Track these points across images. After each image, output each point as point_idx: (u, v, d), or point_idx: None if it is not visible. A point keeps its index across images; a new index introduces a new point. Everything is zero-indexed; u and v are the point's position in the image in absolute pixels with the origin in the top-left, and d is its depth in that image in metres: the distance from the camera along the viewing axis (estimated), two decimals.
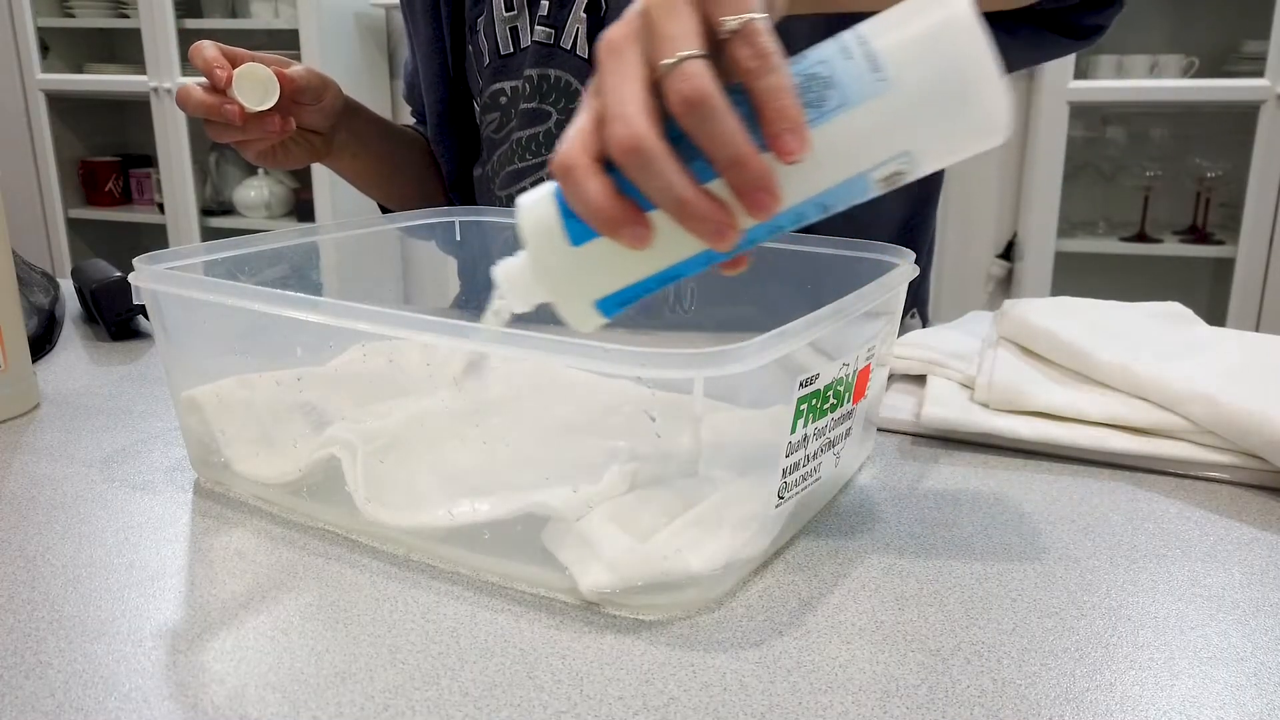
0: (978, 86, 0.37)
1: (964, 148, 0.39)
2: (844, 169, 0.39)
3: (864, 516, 0.54)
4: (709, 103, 0.37)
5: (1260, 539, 0.52)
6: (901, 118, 0.38)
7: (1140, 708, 0.38)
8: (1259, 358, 0.67)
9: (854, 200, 0.40)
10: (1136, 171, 2.45)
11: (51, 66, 3.07)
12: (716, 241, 0.38)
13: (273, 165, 0.88)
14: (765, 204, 0.38)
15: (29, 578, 0.47)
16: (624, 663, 0.41)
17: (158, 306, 0.56)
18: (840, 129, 0.38)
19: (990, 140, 0.39)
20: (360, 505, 0.50)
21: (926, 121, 0.38)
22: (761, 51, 0.37)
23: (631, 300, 0.42)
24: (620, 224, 0.38)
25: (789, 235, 0.66)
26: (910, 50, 0.37)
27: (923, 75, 0.37)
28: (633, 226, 0.38)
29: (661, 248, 0.39)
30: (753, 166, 0.37)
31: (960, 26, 0.37)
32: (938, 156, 0.39)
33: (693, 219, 0.38)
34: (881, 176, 0.39)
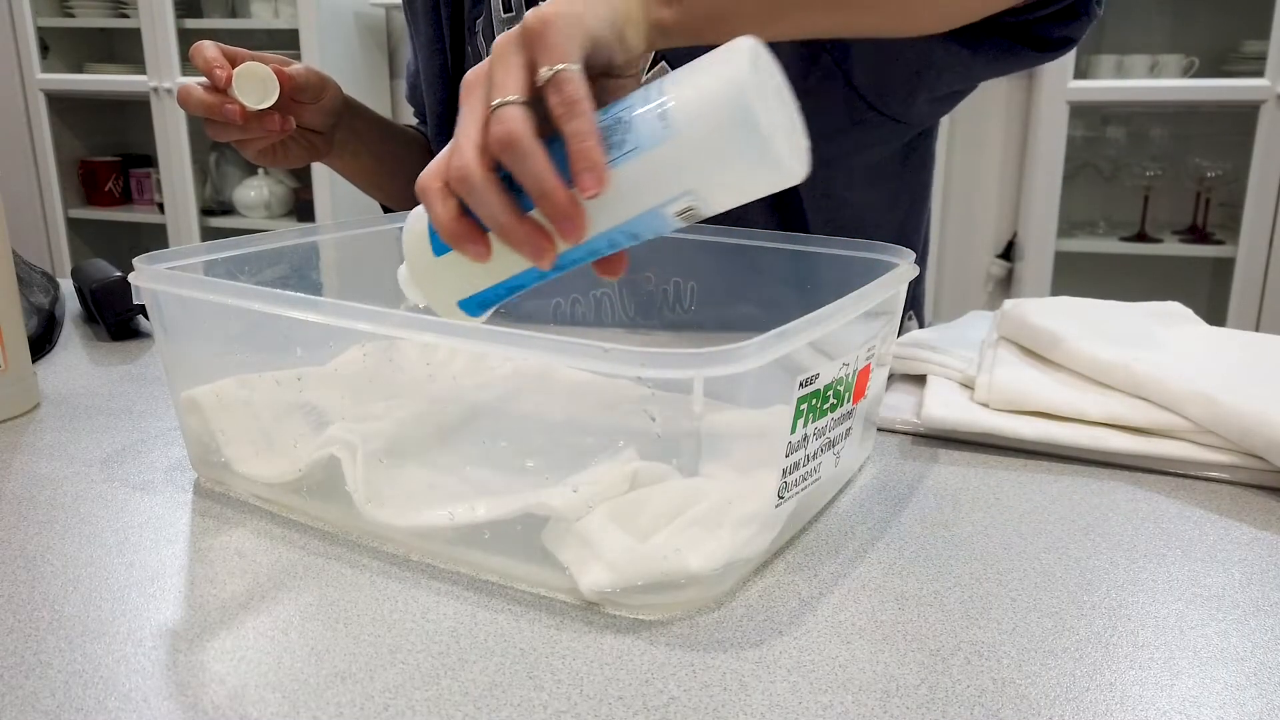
0: (752, 136, 0.41)
1: (752, 187, 0.44)
2: (639, 204, 0.44)
3: (864, 516, 0.54)
4: (519, 144, 0.43)
5: (1260, 539, 0.52)
6: (683, 163, 0.43)
7: (1140, 708, 0.38)
8: (1259, 358, 0.67)
9: (660, 231, 0.45)
10: (1136, 171, 2.46)
11: (51, 66, 3.07)
12: (536, 260, 0.45)
13: (272, 164, 0.88)
14: (571, 232, 0.44)
15: (29, 578, 0.47)
16: (624, 663, 0.41)
17: (158, 306, 0.56)
18: (634, 169, 0.43)
19: (778, 180, 0.43)
20: (360, 505, 0.50)
21: (706, 166, 0.43)
22: (567, 99, 0.43)
23: (490, 303, 0.49)
24: (462, 240, 0.46)
25: (789, 235, 0.66)
26: (692, 104, 0.42)
27: (700, 126, 0.42)
28: (473, 244, 0.45)
29: (501, 261, 0.46)
30: (557, 199, 0.43)
31: (737, 83, 0.41)
32: (726, 195, 0.44)
33: (513, 241, 0.45)
34: (675, 211, 0.44)
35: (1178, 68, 2.32)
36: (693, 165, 0.43)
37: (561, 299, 0.88)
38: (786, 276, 0.66)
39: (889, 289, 0.53)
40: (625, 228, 0.45)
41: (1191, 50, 2.34)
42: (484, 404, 0.55)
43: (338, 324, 0.47)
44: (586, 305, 0.87)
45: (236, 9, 3.01)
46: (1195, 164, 2.40)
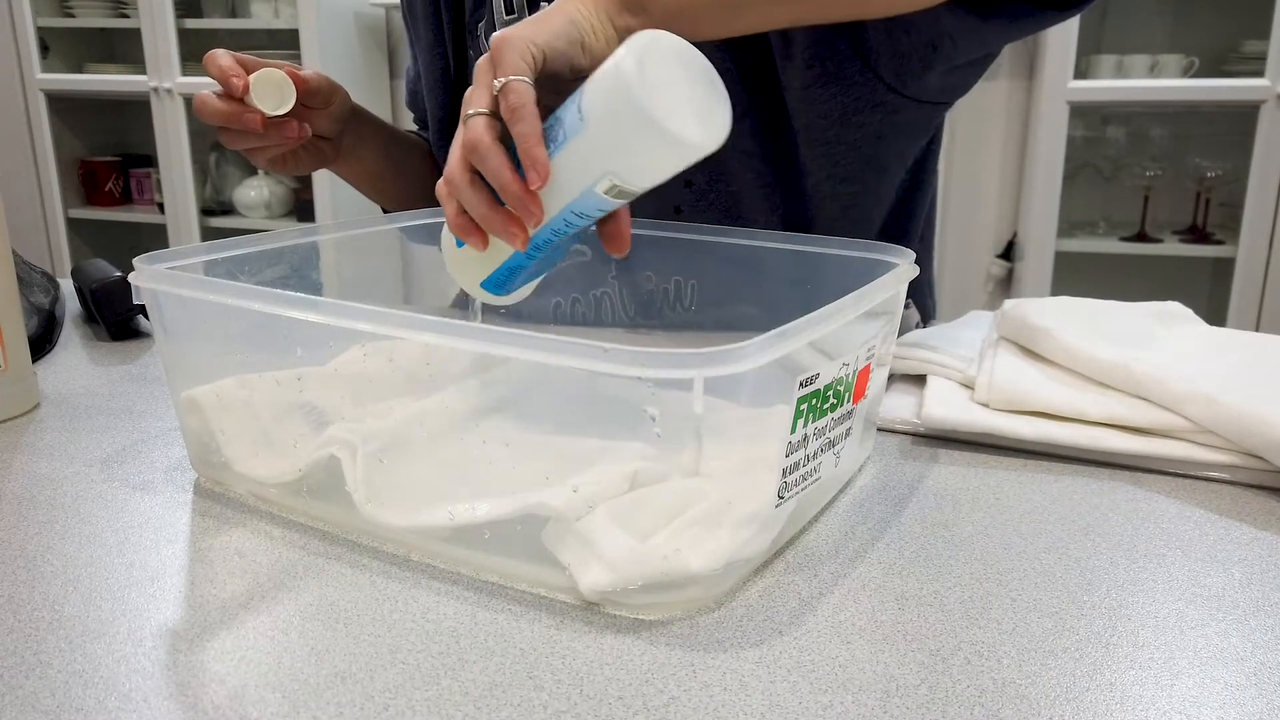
0: (639, 119, 0.47)
1: (663, 162, 0.50)
2: (574, 187, 0.51)
3: (864, 516, 0.54)
4: (478, 148, 0.52)
5: (1260, 539, 0.52)
6: (595, 149, 0.50)
7: (1140, 708, 0.38)
8: (1259, 358, 0.67)
9: (602, 208, 0.53)
10: (1136, 171, 2.46)
11: (51, 66, 3.07)
12: (511, 241, 0.53)
13: (282, 171, 0.88)
14: (529, 216, 0.52)
15: (29, 578, 0.47)
16: (624, 663, 0.41)
17: (158, 306, 0.56)
18: (566, 159, 0.50)
19: (684, 153, 0.49)
20: (360, 505, 0.50)
21: (613, 150, 0.49)
22: (511, 105, 0.51)
23: (503, 282, 0.60)
24: (464, 233, 0.55)
25: (789, 235, 0.66)
26: (593, 96, 0.49)
27: (601, 116, 0.49)
28: (470, 235, 0.55)
29: (497, 247, 0.55)
30: (512, 191, 0.51)
31: (620, 75, 0.47)
32: (644, 172, 0.50)
33: (490, 228, 0.54)
34: (603, 190, 0.51)
35: (1178, 68, 2.32)
36: (602, 150, 0.50)
37: (561, 299, 0.88)
38: (786, 276, 0.66)
39: (889, 289, 0.53)
40: (572, 208, 0.52)
41: (1191, 50, 2.34)
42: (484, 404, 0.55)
43: (338, 324, 0.47)
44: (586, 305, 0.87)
45: (236, 9, 3.01)
46: (1195, 164, 2.40)
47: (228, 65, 0.76)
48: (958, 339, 0.74)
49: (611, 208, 0.53)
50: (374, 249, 0.75)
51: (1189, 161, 2.42)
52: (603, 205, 0.52)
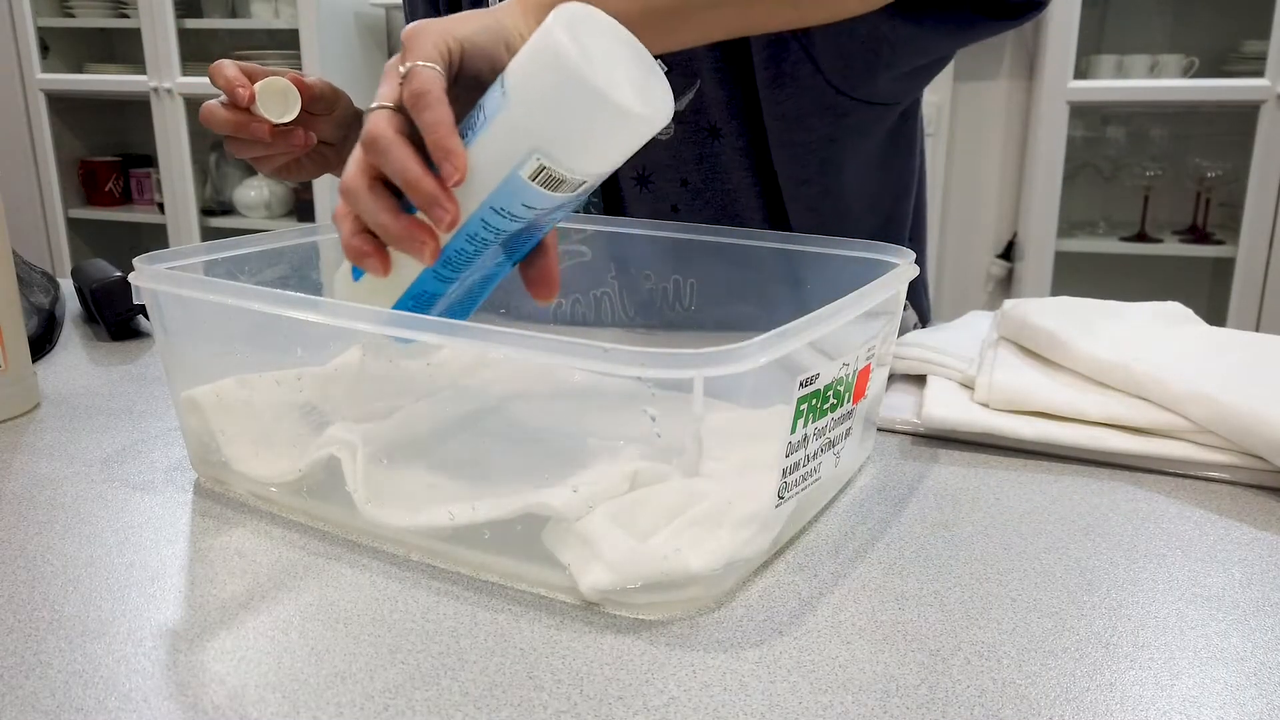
0: (576, 76, 0.43)
1: (601, 136, 0.45)
2: (495, 175, 0.45)
3: (864, 516, 0.54)
4: (378, 142, 0.46)
5: (1260, 539, 0.52)
6: (520, 124, 0.45)
7: (1140, 708, 0.38)
8: (1259, 358, 0.67)
9: (530, 202, 0.46)
10: (1136, 171, 2.46)
11: (51, 66, 3.07)
12: (419, 254, 0.46)
13: (287, 179, 0.88)
14: (442, 216, 0.45)
15: (29, 578, 0.47)
16: (624, 663, 0.41)
17: (158, 306, 0.56)
18: (484, 143, 0.45)
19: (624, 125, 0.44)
20: (360, 505, 0.50)
21: (541, 122, 0.44)
22: (414, 90, 0.45)
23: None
24: (360, 255, 0.48)
25: (789, 235, 0.66)
26: (519, 68, 0.45)
27: (526, 86, 0.44)
28: (371, 256, 0.48)
29: (400, 271, 0.49)
30: (422, 187, 0.45)
31: (549, 39, 0.43)
32: (576, 148, 0.45)
33: (393, 238, 0.47)
34: (529, 174, 0.45)
35: (1178, 68, 2.32)
36: (527, 125, 0.44)
37: (562, 299, 0.88)
38: (786, 276, 0.66)
39: (889, 289, 0.53)
40: (493, 203, 0.46)
41: (1191, 50, 2.34)
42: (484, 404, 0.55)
43: (338, 324, 0.47)
44: (586, 305, 0.87)
45: (236, 9, 3.01)
46: (1195, 164, 2.40)
47: (233, 76, 0.76)
48: (958, 339, 0.73)
49: (541, 202, 0.46)
50: None
51: (1189, 161, 2.42)
52: (528, 199, 0.46)
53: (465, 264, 0.49)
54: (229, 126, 0.77)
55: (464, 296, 0.52)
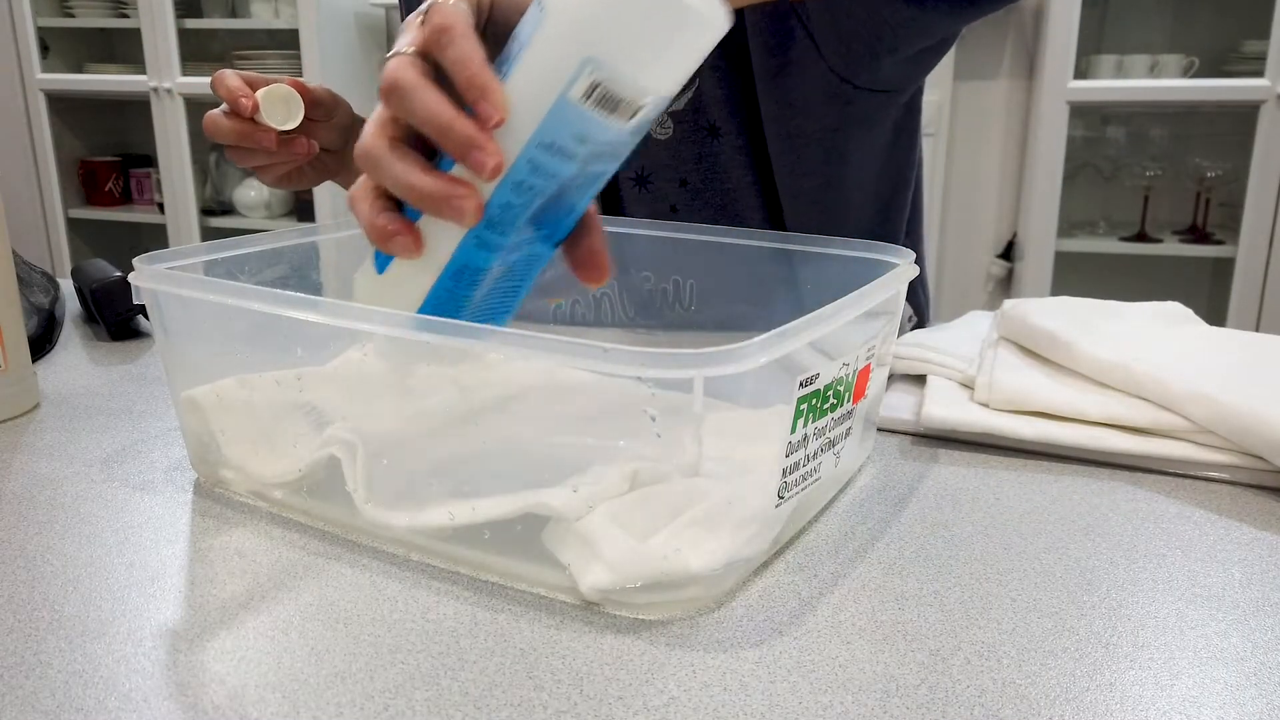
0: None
1: (661, 40, 0.39)
2: (540, 103, 0.39)
3: (864, 516, 0.54)
4: (400, 85, 0.39)
5: (1260, 539, 0.52)
6: (566, 34, 0.38)
7: (1140, 708, 0.38)
8: (1259, 358, 0.67)
9: (581, 130, 0.40)
10: (1136, 171, 2.46)
11: (51, 66, 3.07)
12: (459, 213, 0.40)
13: (288, 187, 0.88)
14: (484, 160, 0.39)
15: (29, 578, 0.47)
16: (624, 663, 0.41)
17: (158, 306, 0.56)
18: (524, 71, 0.39)
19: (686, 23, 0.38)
20: (360, 505, 0.50)
21: (591, 26, 0.38)
22: (437, 25, 0.40)
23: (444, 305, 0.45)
24: (388, 236, 0.42)
25: (790, 236, 0.66)
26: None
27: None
28: (401, 235, 0.42)
29: (435, 246, 0.42)
30: (458, 129, 0.38)
31: None
32: (634, 56, 0.39)
33: (427, 200, 0.40)
34: (581, 94, 0.39)
35: (1178, 68, 2.32)
36: (576, 31, 0.39)
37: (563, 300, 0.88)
38: (786, 276, 0.66)
39: (889, 289, 0.53)
40: (541, 138, 0.40)
41: (1191, 50, 2.34)
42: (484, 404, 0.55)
43: (338, 324, 0.47)
44: (586, 305, 0.87)
45: (236, 9, 3.01)
46: (1195, 164, 2.40)
47: (235, 86, 0.76)
48: (958, 339, 0.74)
49: (594, 136, 0.40)
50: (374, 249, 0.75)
51: (1189, 161, 2.42)
52: (581, 128, 0.40)
53: (511, 224, 0.42)
54: (234, 136, 0.77)
55: (506, 286, 0.45)
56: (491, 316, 0.46)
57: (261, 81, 0.78)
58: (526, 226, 0.43)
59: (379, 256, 0.45)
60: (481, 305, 0.45)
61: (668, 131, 0.86)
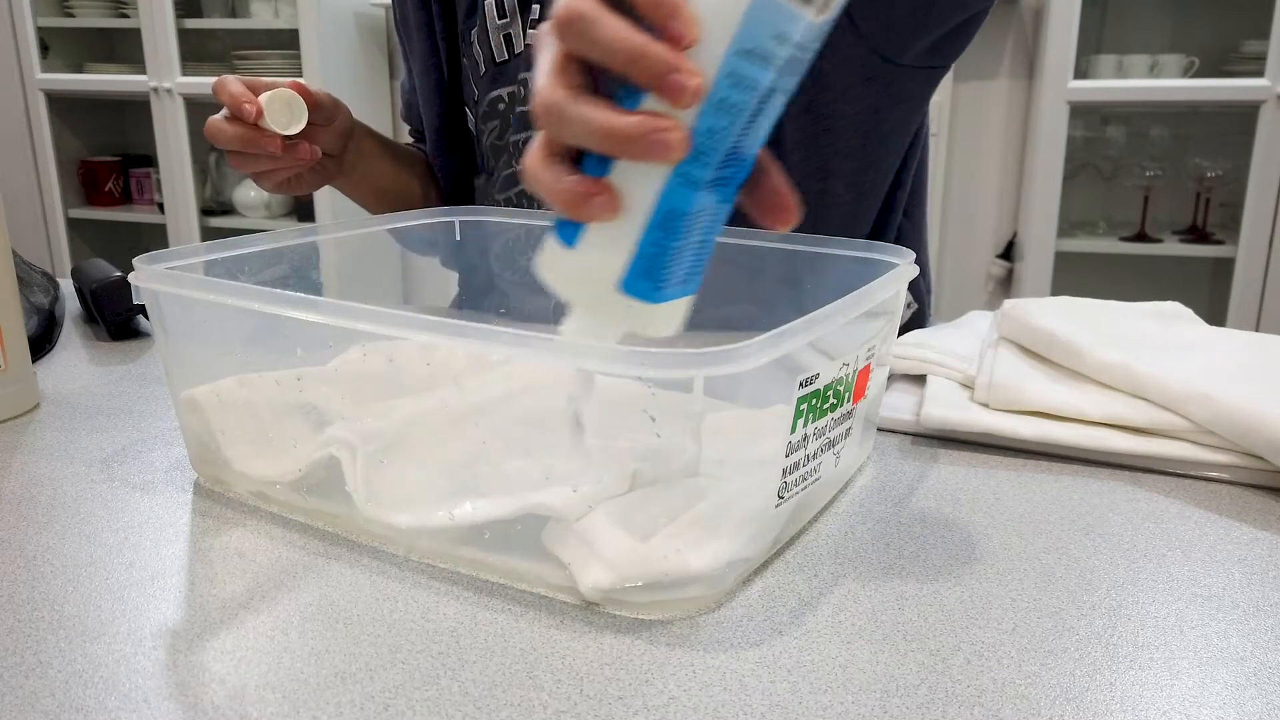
0: None
1: None
2: (733, 9, 0.35)
3: (864, 516, 0.54)
4: (580, 16, 0.36)
5: (1260, 539, 0.52)
6: None
7: (1140, 708, 0.38)
8: (1259, 357, 0.67)
9: (780, 27, 0.36)
10: (1136, 171, 2.46)
11: (51, 66, 3.07)
12: (667, 150, 0.36)
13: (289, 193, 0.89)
14: (683, 84, 0.35)
15: (29, 578, 0.47)
16: (624, 663, 0.41)
17: (158, 306, 0.56)
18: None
19: None
20: (360, 505, 0.50)
21: None
22: None
23: (654, 266, 0.40)
24: (586, 197, 0.38)
25: (789, 235, 0.66)
26: None
27: None
28: (598, 195, 0.38)
29: (634, 198, 0.38)
30: (652, 54, 0.35)
31: None
32: None
33: (628, 141, 0.36)
34: None
35: (1178, 68, 2.32)
36: None
37: None
38: (786, 276, 0.66)
39: (889, 289, 0.53)
40: (740, 45, 0.36)
41: (1191, 50, 2.34)
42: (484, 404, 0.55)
43: (338, 324, 0.47)
44: None
45: (236, 9, 3.01)
46: (1195, 164, 2.40)
47: (238, 92, 0.76)
48: (958, 339, 0.74)
49: (794, 33, 0.36)
50: (374, 249, 0.75)
51: (1189, 161, 2.42)
52: (780, 25, 0.36)
53: (715, 152, 0.38)
54: (237, 141, 0.77)
55: (698, 241, 0.41)
56: (689, 279, 0.42)
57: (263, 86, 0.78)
58: (725, 156, 0.39)
59: (563, 230, 0.40)
60: (683, 260, 0.40)
61: None
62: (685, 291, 0.42)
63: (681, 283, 0.41)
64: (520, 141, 0.91)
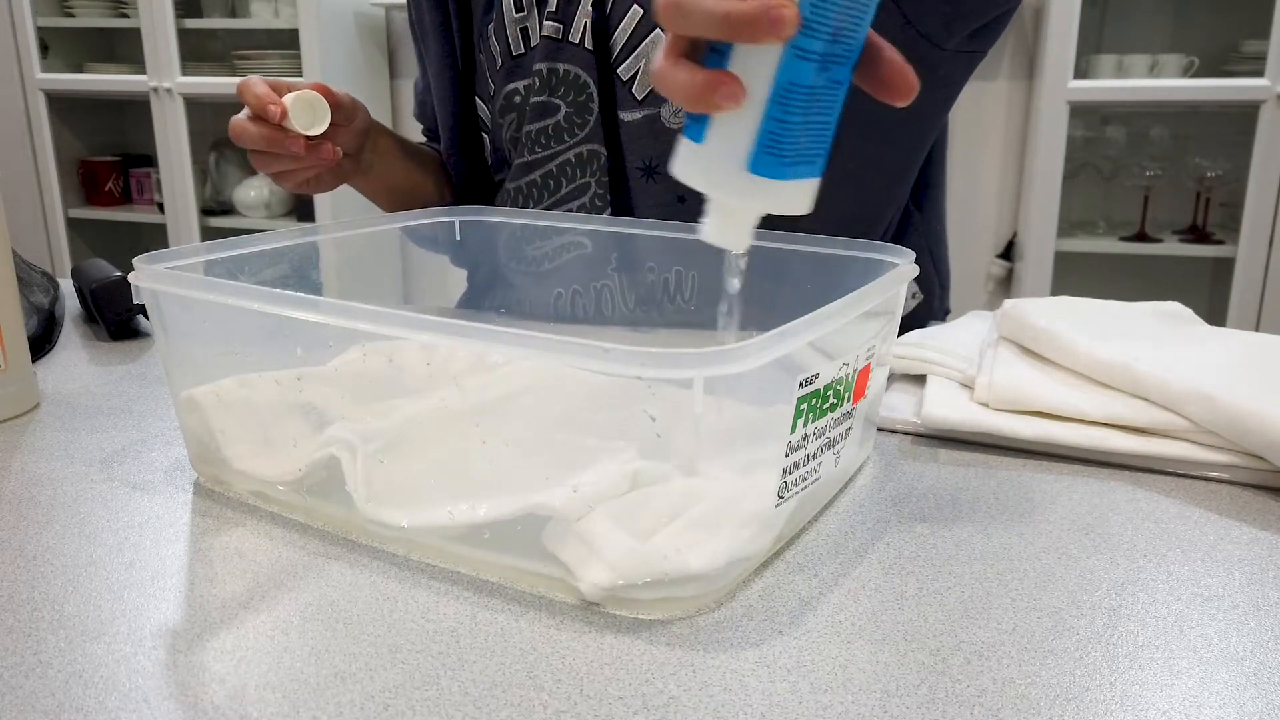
0: None
1: None
2: None
3: (864, 516, 0.54)
4: None
5: (1260, 539, 0.52)
6: None
7: (1140, 707, 0.38)
8: (1259, 358, 0.67)
9: None
10: (1136, 171, 2.46)
11: (51, 66, 3.07)
12: (780, 25, 0.38)
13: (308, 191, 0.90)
14: None
15: (29, 578, 0.47)
16: (624, 663, 0.41)
17: (158, 306, 0.56)
18: None
19: None
20: (360, 505, 0.50)
21: None
22: None
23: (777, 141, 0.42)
24: (713, 87, 0.40)
25: (789, 235, 0.66)
26: None
27: None
28: (723, 84, 0.40)
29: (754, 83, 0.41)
30: None
31: None
32: None
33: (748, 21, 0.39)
34: None
35: (1178, 68, 2.32)
36: None
37: (561, 289, 0.88)
38: (786, 276, 0.66)
39: (889, 289, 0.53)
40: None
41: (1191, 50, 2.34)
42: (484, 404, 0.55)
43: (338, 324, 0.47)
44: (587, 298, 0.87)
45: (236, 9, 3.01)
46: (1195, 164, 2.40)
47: (263, 93, 0.78)
48: (958, 339, 0.74)
49: None
50: (374, 249, 0.75)
51: (1189, 161, 2.42)
52: None
53: (824, 22, 0.40)
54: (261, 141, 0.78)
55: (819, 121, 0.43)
56: (812, 159, 0.44)
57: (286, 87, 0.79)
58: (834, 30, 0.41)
59: (691, 129, 0.43)
60: (805, 139, 0.43)
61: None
62: (812, 172, 0.44)
63: (808, 161, 0.43)
64: (532, 132, 0.92)
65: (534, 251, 0.83)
